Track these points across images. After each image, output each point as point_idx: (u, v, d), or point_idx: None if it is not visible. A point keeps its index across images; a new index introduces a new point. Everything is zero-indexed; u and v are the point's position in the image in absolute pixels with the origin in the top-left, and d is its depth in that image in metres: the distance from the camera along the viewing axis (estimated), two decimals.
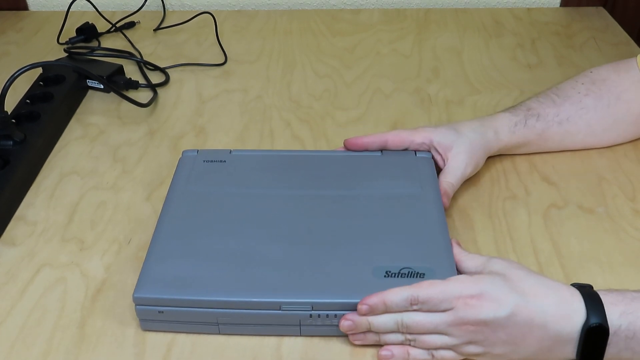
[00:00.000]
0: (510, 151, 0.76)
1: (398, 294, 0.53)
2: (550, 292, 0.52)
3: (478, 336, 0.52)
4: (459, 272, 0.58)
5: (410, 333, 0.54)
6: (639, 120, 0.77)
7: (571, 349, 0.52)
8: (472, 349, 0.53)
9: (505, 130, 0.74)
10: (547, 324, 0.51)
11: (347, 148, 0.74)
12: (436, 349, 0.54)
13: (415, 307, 0.53)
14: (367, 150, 0.73)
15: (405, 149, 0.72)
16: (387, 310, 0.54)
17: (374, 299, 0.54)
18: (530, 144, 0.76)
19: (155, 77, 0.98)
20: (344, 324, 0.55)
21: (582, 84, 0.77)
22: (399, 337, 0.55)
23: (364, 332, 0.55)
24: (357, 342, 0.56)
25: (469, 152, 0.71)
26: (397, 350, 0.55)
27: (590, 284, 0.55)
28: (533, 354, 0.53)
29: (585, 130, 0.76)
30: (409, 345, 0.55)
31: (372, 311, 0.54)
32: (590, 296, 0.52)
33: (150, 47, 1.06)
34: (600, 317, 0.51)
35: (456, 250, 0.60)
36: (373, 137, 0.72)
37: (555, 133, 0.75)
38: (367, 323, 0.54)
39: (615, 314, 0.51)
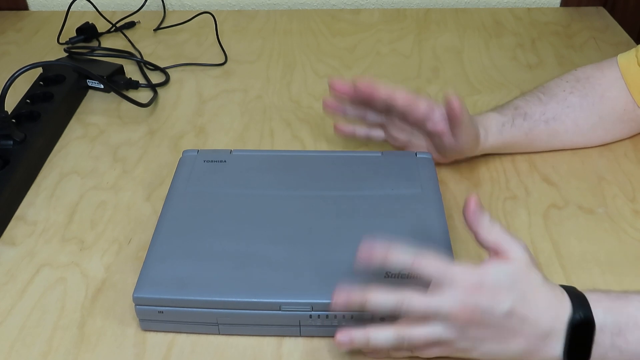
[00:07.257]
0: (496, 151, 0.76)
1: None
2: (548, 292, 0.52)
3: (470, 330, 0.51)
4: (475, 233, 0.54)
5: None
6: (624, 118, 0.77)
7: (558, 348, 0.52)
8: (462, 344, 0.52)
9: (494, 130, 0.74)
10: (539, 322, 0.51)
11: (337, 90, 0.71)
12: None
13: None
14: (372, 97, 0.69)
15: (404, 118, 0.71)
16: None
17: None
18: (518, 144, 0.76)
19: (156, 77, 0.98)
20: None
21: (567, 81, 0.77)
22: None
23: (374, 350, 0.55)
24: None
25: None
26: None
27: (585, 284, 0.55)
28: (520, 354, 0.52)
29: (573, 129, 0.76)
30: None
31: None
32: (576, 294, 0.53)
33: (150, 47, 1.06)
34: (585, 312, 0.51)
35: (483, 223, 0.54)
36: (384, 89, 0.69)
37: (541, 132, 0.75)
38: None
39: (600, 310, 0.51)
